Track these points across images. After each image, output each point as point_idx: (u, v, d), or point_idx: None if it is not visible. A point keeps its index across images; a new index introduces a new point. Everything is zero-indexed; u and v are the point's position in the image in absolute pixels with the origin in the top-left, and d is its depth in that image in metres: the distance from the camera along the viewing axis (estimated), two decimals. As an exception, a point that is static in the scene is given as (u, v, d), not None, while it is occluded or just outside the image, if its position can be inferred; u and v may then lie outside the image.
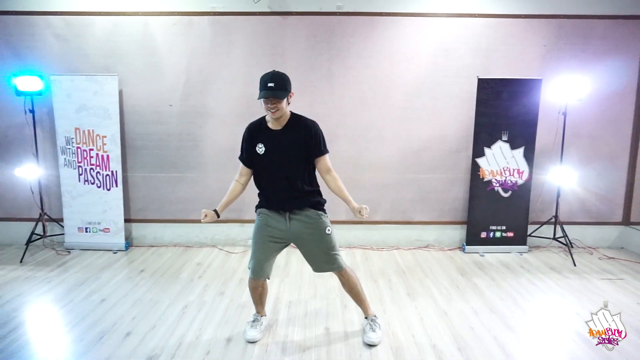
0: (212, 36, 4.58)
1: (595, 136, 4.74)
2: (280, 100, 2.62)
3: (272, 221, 2.79)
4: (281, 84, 2.63)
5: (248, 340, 2.90)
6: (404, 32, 4.58)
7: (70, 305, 3.43)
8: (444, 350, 2.81)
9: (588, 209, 4.89)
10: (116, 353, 2.76)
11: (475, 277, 4.08)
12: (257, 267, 2.79)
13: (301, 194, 2.77)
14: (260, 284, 2.91)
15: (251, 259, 2.83)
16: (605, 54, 4.59)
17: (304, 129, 2.78)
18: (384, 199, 4.86)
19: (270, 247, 2.81)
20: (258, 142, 2.76)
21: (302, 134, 2.76)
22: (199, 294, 3.65)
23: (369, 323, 2.96)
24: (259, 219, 2.84)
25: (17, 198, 4.84)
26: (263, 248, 2.80)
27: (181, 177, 4.81)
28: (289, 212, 2.77)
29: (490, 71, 4.59)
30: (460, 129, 4.71)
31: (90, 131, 4.61)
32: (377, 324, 2.97)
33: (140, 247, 4.88)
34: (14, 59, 4.58)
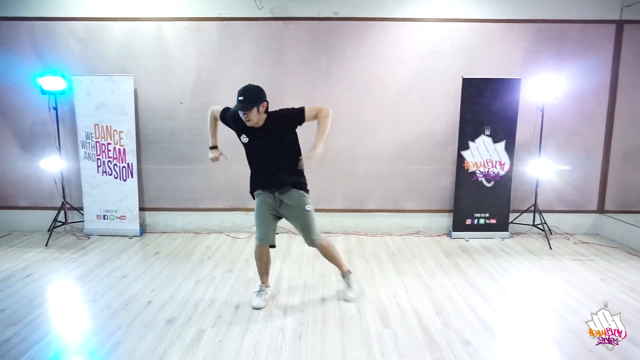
0: (219, 39, 5.00)
1: (571, 131, 5.15)
2: (250, 112, 2.97)
3: (267, 198, 3.30)
4: (250, 97, 2.96)
5: (254, 307, 3.33)
6: (395, 35, 5.00)
7: (95, 280, 3.86)
8: (424, 315, 3.23)
9: (565, 198, 5.31)
10: (140, 317, 3.19)
11: (459, 258, 4.50)
12: (263, 235, 3.31)
13: (284, 179, 3.22)
14: (266, 251, 3.39)
15: (257, 231, 3.33)
16: (580, 56, 5.00)
17: (278, 117, 3.16)
18: (377, 189, 5.28)
19: (270, 218, 3.33)
20: (242, 132, 3.17)
21: (281, 119, 3.16)
22: (210, 271, 4.08)
23: (346, 281, 3.55)
24: (258, 199, 3.34)
25: (41, 188, 5.28)
26: (265, 219, 3.31)
27: (191, 169, 5.24)
28: (276, 191, 3.25)
29: (474, 71, 5.00)
30: (447, 124, 5.13)
31: (108, 127, 5.04)
32: (352, 280, 3.56)
33: (154, 233, 5.31)
34: (39, 60, 5.01)
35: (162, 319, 3.15)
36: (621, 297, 3.57)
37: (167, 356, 2.67)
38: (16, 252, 4.61)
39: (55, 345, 2.80)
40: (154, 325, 3.06)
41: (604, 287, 3.77)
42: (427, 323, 3.11)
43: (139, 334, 2.93)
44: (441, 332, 2.98)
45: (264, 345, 2.81)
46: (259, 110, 3.03)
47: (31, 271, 4.07)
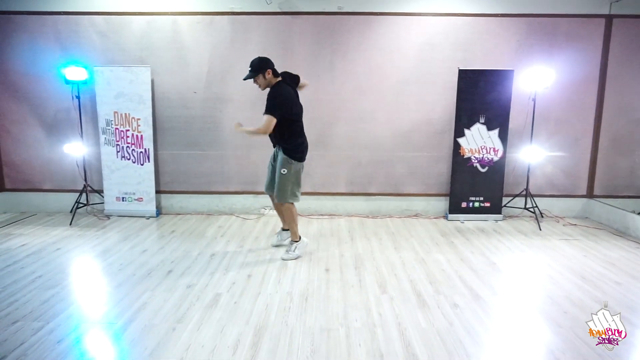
0: (231, 33, 5.33)
1: (562, 119, 5.46)
2: (255, 79, 3.83)
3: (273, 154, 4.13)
4: (253, 68, 3.79)
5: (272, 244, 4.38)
6: (395, 29, 5.31)
7: (119, 254, 4.23)
8: (418, 283, 3.59)
9: (555, 183, 5.63)
10: (162, 283, 3.55)
11: (454, 237, 4.84)
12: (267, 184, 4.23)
13: (275, 137, 3.98)
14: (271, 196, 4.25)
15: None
16: (570, 48, 5.29)
17: (269, 93, 3.87)
18: (378, 174, 5.62)
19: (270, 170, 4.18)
20: None
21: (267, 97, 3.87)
22: (223, 246, 4.45)
23: (291, 245, 4.15)
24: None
25: (64, 172, 5.65)
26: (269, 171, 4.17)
27: (204, 154, 5.59)
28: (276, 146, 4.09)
29: (469, 63, 5.31)
30: (443, 113, 5.45)
31: (126, 114, 5.40)
32: (297, 247, 4.13)
33: (169, 214, 5.68)
34: (63, 52, 5.37)
35: (183, 285, 3.51)
36: (599, 270, 3.90)
37: (189, 314, 3.04)
38: (44, 229, 4.99)
39: (90, 305, 3.18)
40: (175, 289, 3.43)
41: (585, 261, 4.10)
42: (420, 289, 3.46)
43: (163, 296, 3.30)
44: (432, 297, 3.33)
45: (274, 305, 3.17)
46: (265, 76, 3.79)
47: (60, 246, 4.45)
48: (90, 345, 2.68)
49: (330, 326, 2.89)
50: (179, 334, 2.78)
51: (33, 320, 2.93)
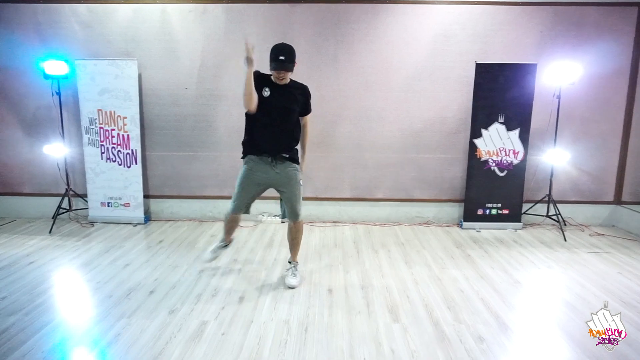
0: (225, 23, 4.86)
1: (588, 118, 4.97)
2: (289, 72, 3.12)
3: (259, 167, 3.25)
4: (290, 57, 3.10)
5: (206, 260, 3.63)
6: (405, 18, 4.83)
7: (98, 269, 3.79)
8: (434, 308, 3.12)
9: (580, 188, 5.14)
10: (142, 306, 3.11)
11: (470, 249, 4.38)
12: (240, 206, 3.35)
13: (289, 141, 3.28)
14: (238, 218, 3.47)
15: (236, 199, 3.32)
16: (598, 40, 4.80)
17: (302, 88, 3.32)
18: (385, 178, 5.15)
19: (254, 190, 3.33)
20: (265, 87, 3.16)
21: (301, 92, 3.31)
22: (214, 261, 3.99)
23: (292, 268, 3.51)
24: (249, 166, 3.29)
25: (44, 175, 5.21)
26: (250, 189, 3.31)
27: (196, 155, 5.14)
28: (273, 159, 3.22)
29: (487, 56, 4.83)
30: (458, 111, 4.97)
31: (112, 112, 4.94)
32: (298, 269, 3.54)
33: (158, 221, 5.24)
34: (42, 44, 4.91)
35: (165, 309, 3.07)
36: (639, 290, 3.43)
37: (167, 349, 2.59)
38: (20, 239, 4.55)
39: (55, 336, 2.73)
40: (155, 315, 2.98)
41: (622, 280, 3.63)
42: (438, 317, 3.00)
43: (140, 325, 2.85)
44: (453, 327, 2.87)
45: (268, 338, 2.72)
46: (293, 70, 3.17)
47: (34, 258, 4.01)
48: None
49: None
50: (154, 377, 2.33)
51: (-16, 357, 2.49)
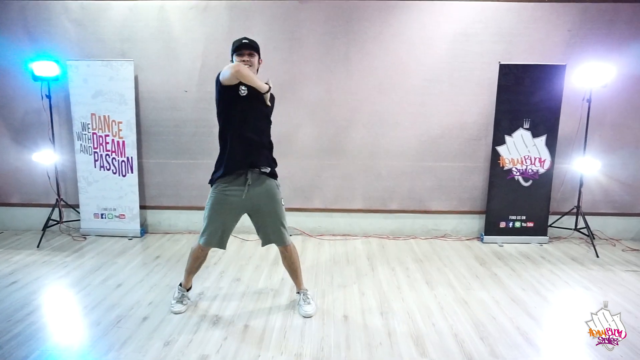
0: (229, 21, 4.52)
1: (621, 124, 4.60)
2: (254, 54, 2.82)
3: (230, 191, 2.85)
4: (254, 43, 2.85)
5: (175, 312, 3.03)
6: (422, 16, 4.47)
7: (87, 290, 3.42)
8: (465, 339, 2.75)
9: (612, 199, 4.76)
10: (133, 337, 2.74)
11: (495, 267, 4.00)
12: (214, 238, 2.94)
13: (265, 149, 2.90)
14: (206, 253, 3.07)
15: (207, 229, 2.93)
16: (632, 39, 4.43)
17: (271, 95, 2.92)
18: (400, 187, 4.79)
19: (230, 218, 2.94)
20: (241, 85, 2.77)
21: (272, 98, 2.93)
22: (215, 280, 3.62)
23: (302, 297, 3.10)
24: (216, 193, 2.88)
25: (34, 184, 4.85)
26: (222, 217, 2.91)
27: (196, 163, 4.78)
28: (250, 174, 2.83)
29: (512, 57, 4.47)
30: (480, 116, 4.61)
31: (106, 117, 4.59)
32: (309, 296, 3.12)
33: (156, 233, 4.87)
34: (31, 44, 4.57)
35: (159, 341, 2.69)
36: (694, 318, 3.05)
37: (161, 392, 2.22)
38: (4, 254, 4.18)
39: (31, 375, 2.36)
40: (148, 349, 2.61)
41: (671, 305, 3.25)
42: (471, 350, 2.62)
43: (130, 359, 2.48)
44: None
45: (278, 378, 2.35)
46: (259, 62, 2.91)
47: (17, 277, 3.64)
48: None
49: (357, 417, 2.06)
50: None
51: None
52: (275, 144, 3.02)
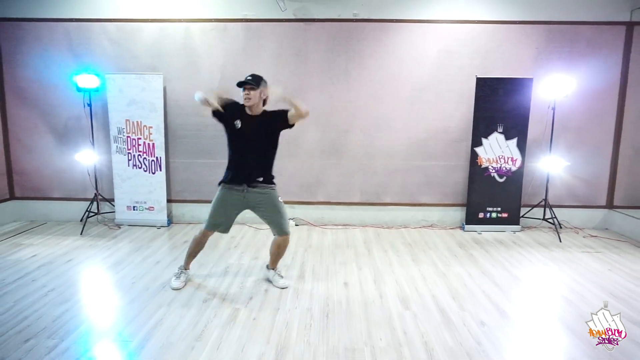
0: (244, 40, 5.25)
1: (582, 128, 5.34)
2: (254, 88, 3.26)
3: (232, 193, 3.48)
4: (256, 80, 3.30)
5: (173, 288, 3.58)
6: (412, 36, 5.22)
7: (132, 265, 4.14)
8: (441, 299, 3.47)
9: (575, 193, 5.50)
10: (177, 297, 3.45)
11: (472, 249, 4.72)
12: (215, 224, 3.54)
13: (261, 168, 3.46)
14: (206, 239, 3.64)
15: (211, 217, 3.54)
16: (590, 56, 5.18)
17: (270, 113, 3.44)
18: (393, 183, 5.52)
19: (230, 212, 3.54)
20: (237, 119, 3.36)
21: (273, 116, 3.41)
22: (237, 258, 4.35)
23: (277, 273, 3.73)
24: (222, 192, 3.53)
25: (74, 181, 5.57)
26: (224, 212, 3.52)
27: (216, 162, 5.50)
28: (247, 186, 3.43)
29: (487, 71, 5.21)
30: (460, 122, 5.35)
31: (138, 122, 5.32)
32: (282, 274, 3.75)
33: (180, 224, 5.59)
34: (74, 60, 5.30)
35: (199, 299, 3.41)
36: (628, 285, 3.77)
37: (207, 331, 2.93)
38: (54, 239, 4.90)
39: (105, 322, 3.08)
40: (191, 304, 3.32)
41: (612, 276, 3.97)
42: (444, 306, 3.34)
43: (179, 312, 3.20)
44: (457, 314, 3.21)
45: (294, 322, 3.06)
46: (260, 95, 3.32)
47: (71, 257, 4.36)
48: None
49: (355, 346, 2.78)
50: (198, 353, 2.68)
51: (46, 337, 2.83)
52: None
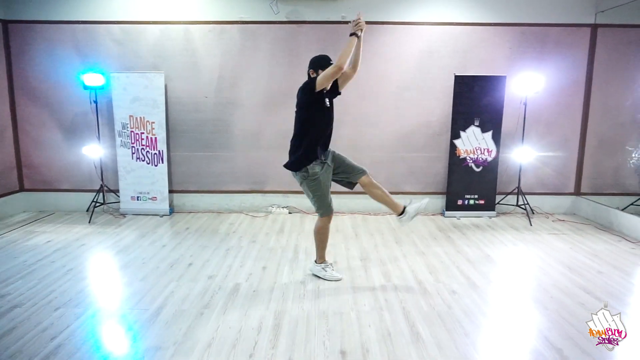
0: (240, 41, 5.65)
1: (551, 121, 5.82)
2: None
3: (326, 167, 3.63)
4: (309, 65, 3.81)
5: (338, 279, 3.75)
6: (395, 37, 5.65)
7: (141, 248, 4.54)
8: (419, 273, 3.93)
9: (545, 181, 5.99)
10: (185, 274, 3.87)
11: (451, 232, 5.18)
12: (329, 203, 3.69)
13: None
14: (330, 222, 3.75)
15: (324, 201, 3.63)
16: (558, 55, 5.66)
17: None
18: (379, 174, 5.95)
19: (330, 185, 3.69)
20: (327, 97, 3.77)
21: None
22: (236, 242, 4.77)
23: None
24: (321, 173, 3.56)
25: (81, 173, 5.95)
26: (328, 189, 3.66)
27: (214, 155, 5.91)
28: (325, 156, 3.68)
29: (465, 69, 5.66)
30: (441, 116, 5.80)
31: (141, 118, 5.70)
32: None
33: (181, 212, 5.99)
34: (81, 59, 5.67)
35: (204, 276, 3.83)
36: (584, 261, 4.25)
37: (214, 300, 3.36)
38: (65, 227, 5.29)
39: (123, 294, 3.49)
40: (198, 280, 3.75)
41: (572, 253, 4.46)
42: (421, 278, 3.80)
43: (188, 286, 3.62)
44: (433, 285, 3.67)
45: (290, 293, 3.50)
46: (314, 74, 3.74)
47: (84, 242, 4.75)
48: (130, 326, 2.99)
49: (342, 310, 3.22)
50: (208, 317, 3.10)
51: (73, 307, 3.24)
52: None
